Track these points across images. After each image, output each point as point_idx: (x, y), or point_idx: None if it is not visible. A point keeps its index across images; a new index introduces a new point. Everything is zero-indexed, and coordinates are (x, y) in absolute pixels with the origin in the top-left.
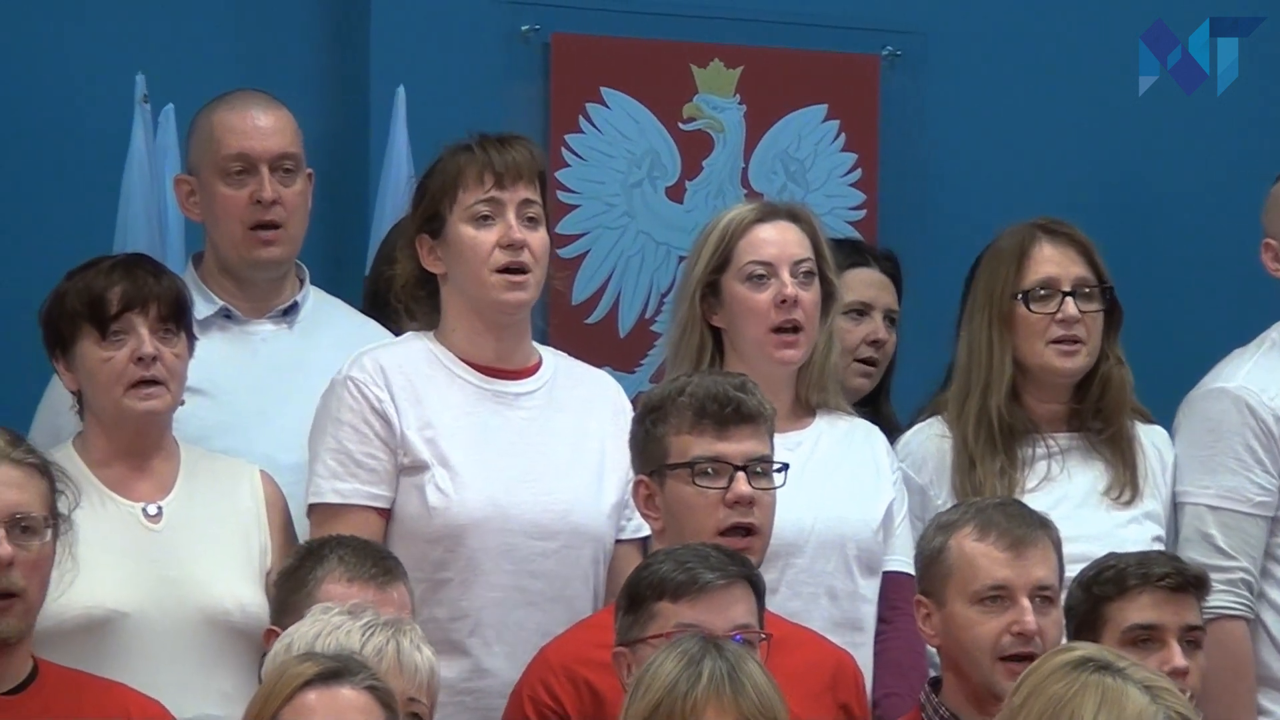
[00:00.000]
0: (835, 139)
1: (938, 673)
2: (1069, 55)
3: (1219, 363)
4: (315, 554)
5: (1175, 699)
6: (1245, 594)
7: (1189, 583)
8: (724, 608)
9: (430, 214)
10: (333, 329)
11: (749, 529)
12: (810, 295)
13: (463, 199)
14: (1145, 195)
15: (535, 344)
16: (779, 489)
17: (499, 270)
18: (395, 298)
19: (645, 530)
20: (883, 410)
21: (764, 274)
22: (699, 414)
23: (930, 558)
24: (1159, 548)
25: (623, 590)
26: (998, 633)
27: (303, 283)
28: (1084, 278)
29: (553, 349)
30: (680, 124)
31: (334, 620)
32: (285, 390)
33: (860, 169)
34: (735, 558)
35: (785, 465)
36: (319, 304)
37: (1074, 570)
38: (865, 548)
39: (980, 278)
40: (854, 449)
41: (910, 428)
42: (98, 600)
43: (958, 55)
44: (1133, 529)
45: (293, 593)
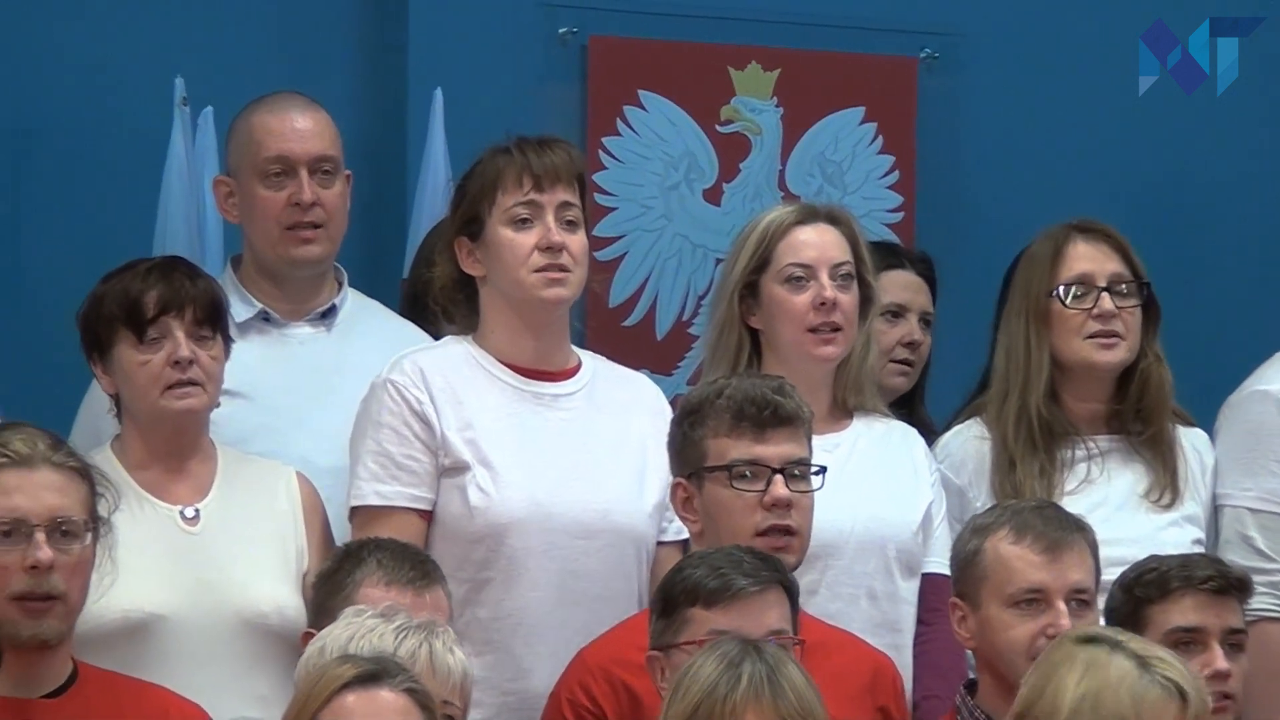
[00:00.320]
0: (873, 141)
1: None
2: (1107, 56)
3: (1260, 366)
4: (354, 557)
5: (1173, 670)
6: None
7: (1231, 585)
8: (757, 614)
9: (469, 216)
10: (371, 331)
11: (787, 530)
12: (849, 298)
13: (501, 201)
14: (1184, 196)
15: (575, 348)
16: (817, 491)
17: (537, 271)
18: (434, 300)
19: (687, 533)
20: (918, 412)
21: (803, 276)
22: (737, 416)
23: (966, 560)
24: (1199, 551)
25: (656, 594)
26: (1033, 636)
27: (341, 285)
28: (1119, 273)
29: (592, 353)
30: (717, 126)
31: (367, 623)
32: (323, 393)
33: (898, 171)
34: (769, 562)
35: (823, 468)
36: (357, 306)
37: (1113, 573)
38: (905, 549)
39: (1016, 280)
40: (892, 450)
41: (947, 430)
42: (136, 604)
43: (995, 57)
44: (1173, 532)
45: (331, 595)
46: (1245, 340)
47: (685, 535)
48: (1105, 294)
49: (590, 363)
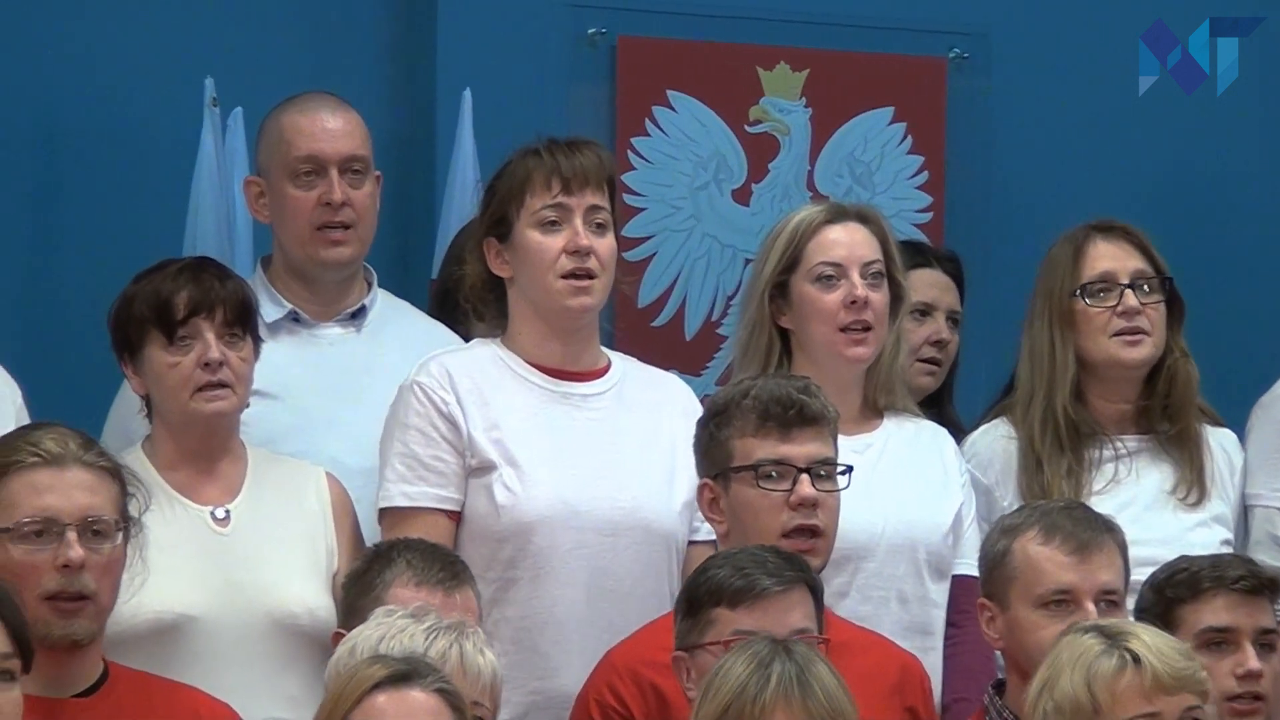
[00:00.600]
0: (901, 141)
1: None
2: (1136, 55)
3: None
4: (383, 557)
5: (1139, 643)
6: None
7: (1263, 585)
8: (782, 613)
9: (498, 218)
10: (400, 332)
11: (813, 531)
12: (880, 296)
13: (530, 204)
14: (1214, 196)
15: (605, 349)
16: (844, 491)
17: (564, 276)
18: (464, 299)
19: None
20: (946, 411)
21: (833, 275)
22: (763, 417)
23: (994, 561)
24: (1228, 551)
25: (681, 594)
26: (1057, 636)
27: (370, 285)
28: (1141, 270)
29: (622, 354)
30: (746, 127)
31: (398, 623)
32: (353, 393)
33: (927, 171)
34: (793, 561)
35: (849, 467)
36: (387, 307)
37: (1142, 574)
38: (935, 552)
39: (1038, 283)
40: (922, 451)
41: (975, 429)
42: (167, 604)
43: (1024, 57)
44: (1201, 532)
45: (360, 596)
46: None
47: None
48: (1128, 291)
49: (620, 364)
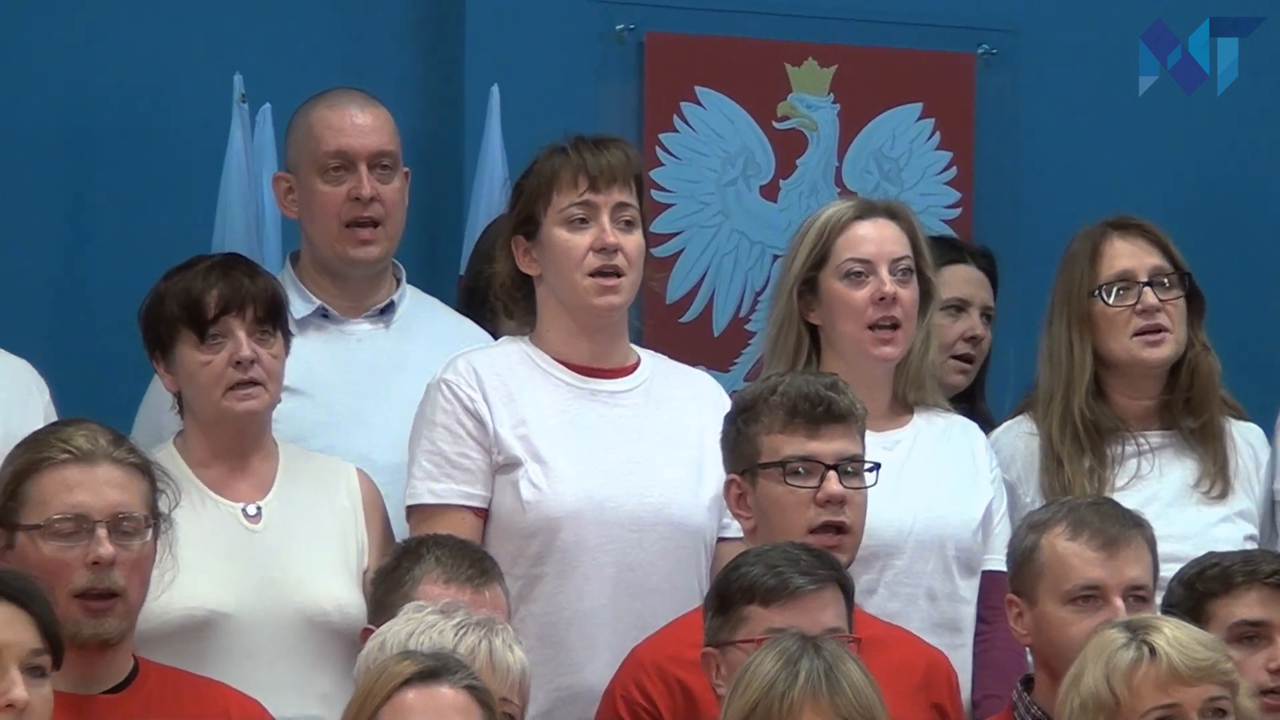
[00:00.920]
0: (930, 137)
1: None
2: None
3: None
4: (413, 554)
5: (1161, 636)
6: None
7: None
8: (814, 612)
9: (525, 216)
10: (429, 328)
11: (840, 527)
12: (909, 293)
13: (557, 202)
14: (1242, 193)
15: (634, 346)
16: (872, 488)
17: (592, 274)
18: (494, 296)
19: None
20: (977, 407)
21: (862, 271)
22: (791, 413)
23: (1022, 557)
24: (1253, 546)
25: (712, 590)
26: (1089, 632)
27: (399, 282)
28: (1160, 267)
29: (652, 351)
30: (774, 123)
31: (427, 619)
32: (381, 390)
33: (955, 167)
34: (825, 559)
35: (877, 465)
36: (415, 303)
37: (1165, 570)
38: (964, 548)
39: (1056, 283)
40: (952, 447)
41: (1001, 426)
42: (199, 601)
43: (1053, 53)
44: (1225, 528)
45: (390, 592)
46: None
47: None
48: (1147, 289)
49: (649, 360)
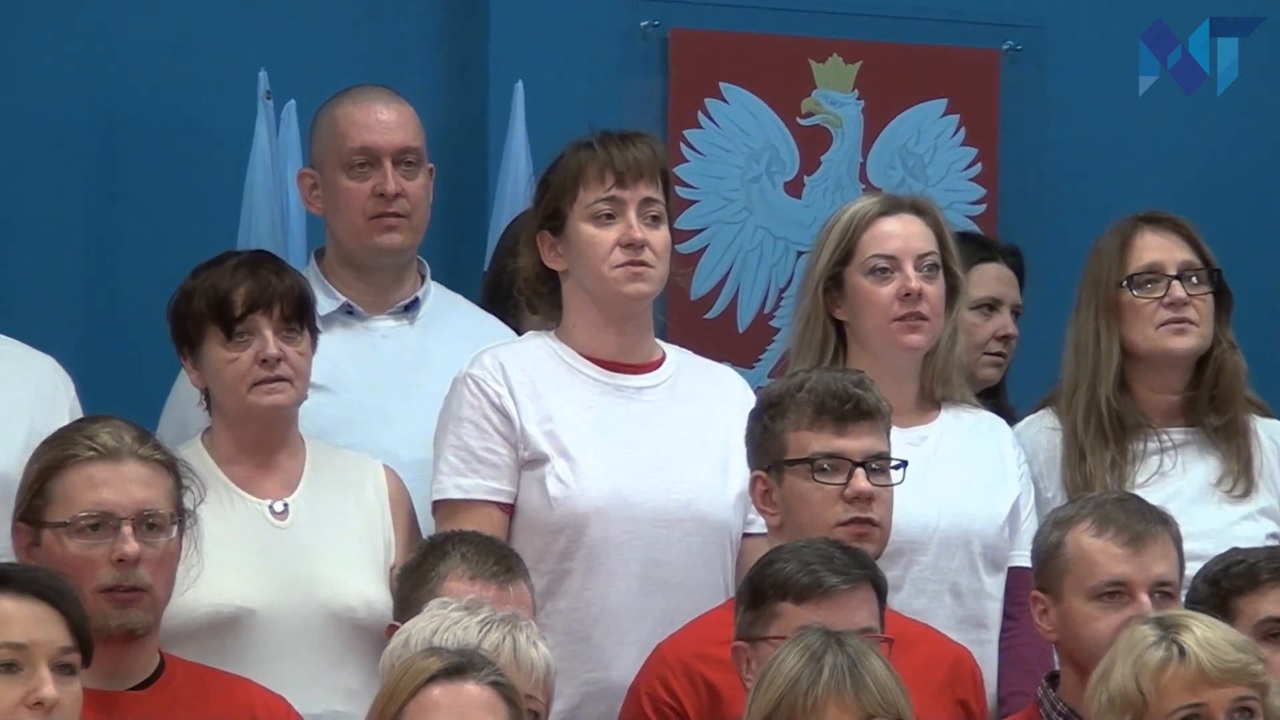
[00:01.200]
0: (955, 134)
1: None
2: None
3: None
4: (438, 550)
5: (1191, 636)
6: None
7: None
8: (847, 611)
9: (551, 211)
10: (453, 324)
11: (867, 524)
12: (934, 288)
13: (583, 197)
14: (1267, 189)
15: (660, 341)
16: (898, 485)
17: (619, 266)
18: (518, 291)
19: None
20: (1002, 403)
21: (887, 267)
22: (818, 410)
23: (1047, 553)
24: (1275, 544)
25: (745, 585)
26: (1115, 629)
27: (424, 278)
28: (1189, 261)
29: (677, 347)
30: (799, 119)
31: (451, 615)
32: (406, 386)
33: (980, 163)
34: (859, 558)
35: (904, 462)
36: (440, 299)
37: (1188, 567)
38: (990, 544)
39: (1084, 275)
40: (979, 442)
41: (1022, 420)
42: (226, 598)
43: (1078, 49)
44: (1247, 525)
45: (415, 588)
46: None
47: None
48: (1176, 282)
49: (675, 356)
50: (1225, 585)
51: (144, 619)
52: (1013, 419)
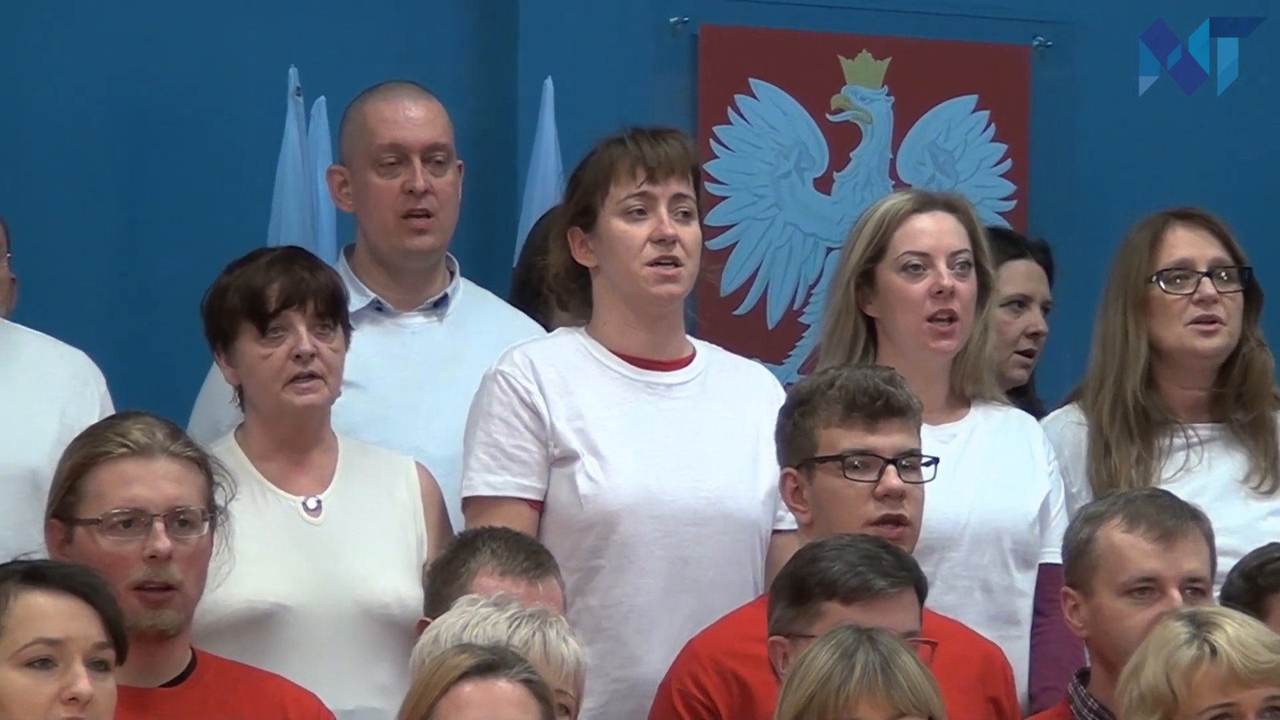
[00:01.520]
0: (985, 129)
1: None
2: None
3: None
4: (468, 546)
5: (1222, 634)
6: None
7: None
8: (892, 614)
9: (582, 207)
10: (483, 321)
11: (899, 521)
12: (967, 286)
13: (614, 193)
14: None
15: (690, 338)
16: (930, 482)
17: (650, 264)
18: (548, 287)
19: None
20: (1031, 398)
21: (920, 264)
22: (849, 407)
23: (1078, 549)
24: None
25: (785, 579)
26: (1146, 625)
27: (453, 275)
28: (1220, 258)
29: (708, 343)
30: (828, 115)
31: (481, 611)
32: (436, 383)
33: (1010, 159)
34: (904, 560)
35: (935, 459)
36: (469, 296)
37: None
38: (1021, 541)
39: (1114, 268)
40: (1009, 439)
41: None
42: (259, 594)
43: (1108, 45)
44: (1273, 521)
45: (446, 584)
46: None
47: None
48: (1205, 279)
49: (705, 353)
50: (1261, 582)
51: (175, 620)
52: (1040, 414)
